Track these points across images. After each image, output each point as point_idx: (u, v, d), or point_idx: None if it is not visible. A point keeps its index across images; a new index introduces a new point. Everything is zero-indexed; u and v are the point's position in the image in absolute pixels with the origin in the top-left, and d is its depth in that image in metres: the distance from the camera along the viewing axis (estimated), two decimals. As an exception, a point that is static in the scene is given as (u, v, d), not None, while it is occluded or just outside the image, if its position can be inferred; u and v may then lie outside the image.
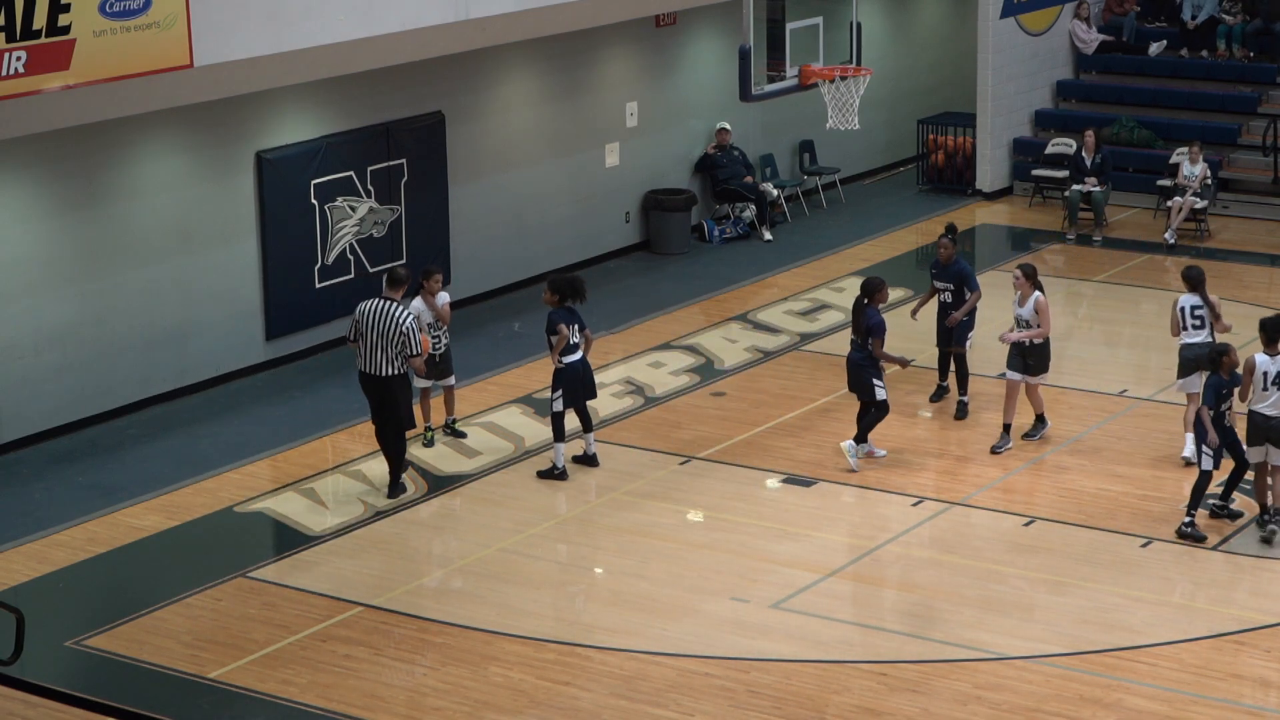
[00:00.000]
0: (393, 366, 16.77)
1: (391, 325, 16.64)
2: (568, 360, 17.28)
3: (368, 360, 16.81)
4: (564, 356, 17.27)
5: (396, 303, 16.84)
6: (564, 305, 17.31)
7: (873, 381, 17.47)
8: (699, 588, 15.25)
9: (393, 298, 16.89)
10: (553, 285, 17.45)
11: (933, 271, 19.03)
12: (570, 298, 17.32)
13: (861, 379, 17.56)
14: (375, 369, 16.79)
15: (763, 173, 26.68)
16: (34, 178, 18.14)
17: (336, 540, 16.29)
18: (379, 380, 16.82)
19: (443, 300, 18.03)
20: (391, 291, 16.97)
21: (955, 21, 30.03)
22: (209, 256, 19.81)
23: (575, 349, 17.32)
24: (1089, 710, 13.23)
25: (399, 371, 16.83)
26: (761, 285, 23.55)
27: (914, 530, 16.30)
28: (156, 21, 15.18)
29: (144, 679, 13.97)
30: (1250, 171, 26.66)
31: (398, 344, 16.66)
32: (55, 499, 17.16)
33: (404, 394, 17.01)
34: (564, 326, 17.17)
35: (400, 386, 16.92)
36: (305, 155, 20.50)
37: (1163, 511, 16.44)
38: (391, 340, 16.66)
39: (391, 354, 16.71)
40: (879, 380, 17.49)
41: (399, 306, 16.78)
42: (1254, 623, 14.50)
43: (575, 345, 17.32)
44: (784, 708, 13.31)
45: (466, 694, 13.55)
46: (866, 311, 17.53)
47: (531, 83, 23.29)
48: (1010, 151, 27.96)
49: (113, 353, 18.93)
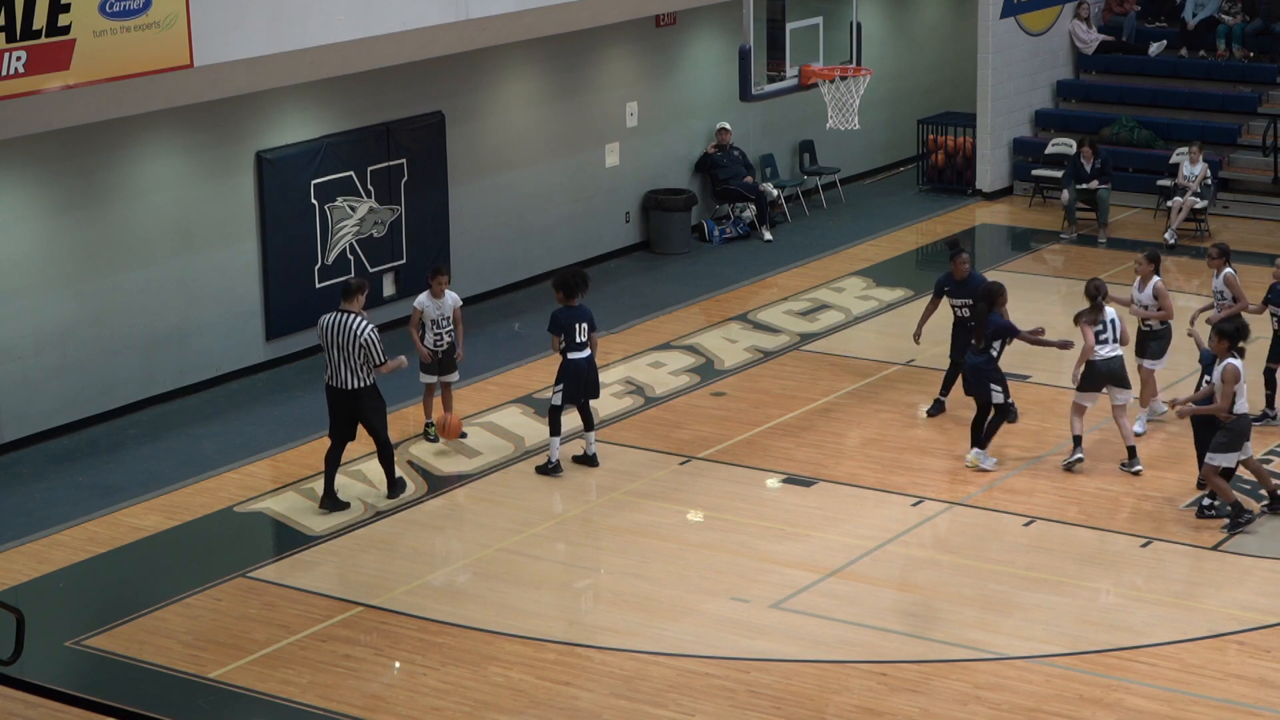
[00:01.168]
0: (358, 379, 16.51)
1: (351, 339, 16.38)
2: (572, 356, 17.28)
3: (334, 374, 16.58)
4: (570, 353, 17.27)
5: (354, 314, 16.53)
6: (571, 303, 17.31)
7: (990, 386, 17.42)
8: (699, 588, 15.25)
9: (349, 310, 16.57)
10: (557, 283, 17.45)
11: (946, 289, 18.79)
12: (578, 291, 17.33)
13: (980, 382, 17.50)
14: (341, 383, 16.54)
15: (763, 173, 26.68)
16: (34, 178, 18.14)
17: (336, 540, 16.29)
18: (347, 394, 16.57)
19: (453, 301, 17.99)
20: (347, 304, 16.61)
21: (955, 21, 30.03)
22: (209, 256, 19.81)
23: (582, 347, 17.33)
24: (1089, 710, 13.23)
25: (366, 383, 16.57)
26: (761, 285, 23.55)
27: (914, 530, 16.30)
28: (156, 21, 15.18)
29: (144, 679, 13.97)
30: (1250, 171, 26.67)
31: (360, 356, 16.41)
32: (55, 499, 17.16)
33: (374, 404, 16.71)
34: (558, 333, 17.24)
35: (369, 397, 16.65)
36: (305, 155, 20.50)
37: (1163, 511, 16.44)
38: (353, 353, 16.42)
39: (355, 366, 16.47)
40: (997, 385, 17.43)
41: (357, 318, 16.48)
42: (1254, 623, 14.50)
43: (582, 343, 17.32)
44: (784, 708, 13.31)
45: (466, 694, 13.55)
46: (991, 318, 17.43)
47: (531, 83, 23.29)
48: (1010, 151, 27.97)
49: (113, 353, 18.93)
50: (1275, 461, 17.59)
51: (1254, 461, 16.47)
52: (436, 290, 17.84)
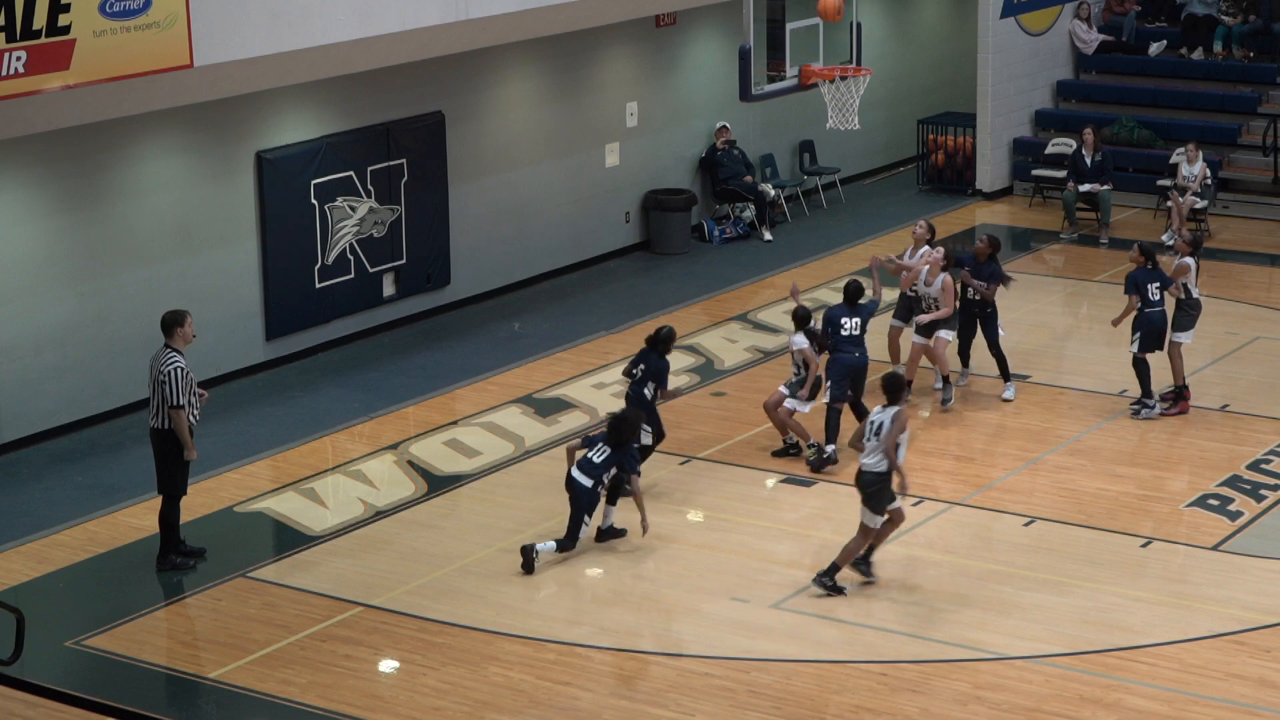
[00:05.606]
0: (158, 418, 15.39)
1: (154, 373, 15.36)
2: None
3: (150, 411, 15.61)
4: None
5: (167, 349, 15.40)
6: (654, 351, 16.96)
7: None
8: (699, 588, 15.25)
9: (168, 344, 15.44)
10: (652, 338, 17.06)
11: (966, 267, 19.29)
12: (655, 348, 16.96)
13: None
14: (150, 421, 15.55)
15: (763, 173, 26.68)
16: (34, 178, 18.14)
17: (336, 540, 16.29)
18: (151, 432, 15.58)
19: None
20: (166, 338, 15.50)
21: (955, 21, 30.03)
22: (209, 256, 19.81)
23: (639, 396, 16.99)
24: (1089, 710, 13.23)
25: (163, 425, 15.37)
26: (761, 285, 23.55)
27: (914, 530, 16.29)
28: (156, 21, 15.18)
29: (144, 679, 13.97)
30: (1250, 171, 26.67)
31: (158, 394, 15.29)
32: (55, 499, 17.16)
33: (164, 449, 15.46)
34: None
35: (160, 442, 15.43)
36: (305, 155, 20.50)
37: (1163, 511, 16.44)
38: (154, 389, 15.35)
39: (155, 404, 15.37)
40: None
41: (168, 353, 15.35)
42: (1254, 623, 14.50)
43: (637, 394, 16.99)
44: (784, 708, 13.31)
45: (466, 694, 13.55)
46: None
47: (531, 83, 23.29)
48: (1010, 151, 27.96)
49: (113, 353, 18.92)
50: (1275, 461, 17.60)
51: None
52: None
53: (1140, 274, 18.46)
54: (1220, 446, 18.01)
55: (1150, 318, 18.44)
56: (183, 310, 15.75)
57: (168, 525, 15.69)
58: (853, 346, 17.69)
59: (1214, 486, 17.02)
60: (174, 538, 15.70)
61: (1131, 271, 18.59)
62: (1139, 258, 18.60)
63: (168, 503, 15.64)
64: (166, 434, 15.38)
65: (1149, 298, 18.41)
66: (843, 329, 17.65)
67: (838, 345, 17.68)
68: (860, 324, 17.72)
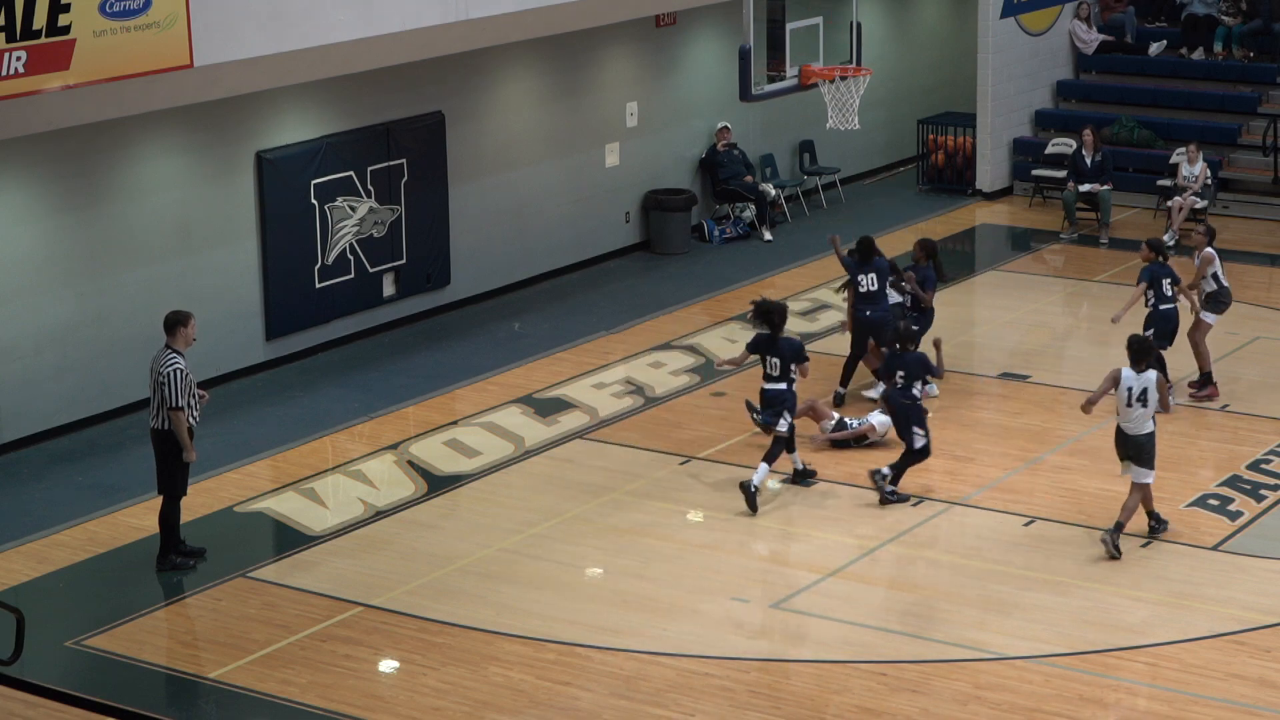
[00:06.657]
0: (158, 419, 15.43)
1: (154, 374, 15.40)
2: (769, 387, 16.94)
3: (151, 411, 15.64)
4: (767, 383, 16.94)
5: (167, 350, 15.44)
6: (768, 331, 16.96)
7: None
8: (699, 588, 15.25)
9: (169, 345, 15.49)
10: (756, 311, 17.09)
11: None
12: (766, 324, 16.94)
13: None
14: (150, 421, 15.59)
15: (763, 173, 26.68)
16: (34, 178, 18.14)
17: (336, 540, 16.29)
18: (151, 432, 15.60)
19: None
20: (168, 337, 15.54)
21: (955, 21, 30.03)
22: (209, 256, 19.81)
23: (774, 379, 16.92)
24: (1089, 710, 13.23)
25: (162, 426, 15.39)
26: (761, 285, 23.54)
27: (914, 530, 16.30)
28: (156, 21, 15.19)
29: (144, 679, 13.97)
30: (1250, 171, 26.67)
31: (157, 394, 15.35)
32: (55, 499, 17.16)
33: (164, 449, 15.46)
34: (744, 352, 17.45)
35: (160, 442, 15.44)
36: (305, 155, 20.50)
37: (1163, 512, 16.43)
38: (154, 390, 15.40)
39: (155, 404, 15.42)
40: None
41: (168, 354, 15.40)
42: (1254, 623, 14.50)
43: (773, 376, 16.91)
44: (784, 708, 13.31)
45: (466, 694, 13.55)
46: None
47: (531, 83, 23.29)
48: (1010, 151, 27.96)
49: (113, 353, 18.92)
50: (1275, 461, 17.61)
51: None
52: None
53: (1156, 268, 18.53)
54: (1220, 446, 18.02)
55: (1165, 315, 18.50)
56: (187, 311, 15.76)
57: (168, 525, 15.71)
58: (867, 304, 18.72)
59: (1214, 486, 17.02)
60: (174, 538, 15.73)
61: (1147, 265, 18.64)
62: (1149, 254, 18.67)
63: (168, 503, 15.65)
64: (167, 434, 15.40)
65: (1163, 293, 18.47)
66: (860, 286, 18.78)
67: (855, 301, 18.85)
68: (876, 280, 18.71)
